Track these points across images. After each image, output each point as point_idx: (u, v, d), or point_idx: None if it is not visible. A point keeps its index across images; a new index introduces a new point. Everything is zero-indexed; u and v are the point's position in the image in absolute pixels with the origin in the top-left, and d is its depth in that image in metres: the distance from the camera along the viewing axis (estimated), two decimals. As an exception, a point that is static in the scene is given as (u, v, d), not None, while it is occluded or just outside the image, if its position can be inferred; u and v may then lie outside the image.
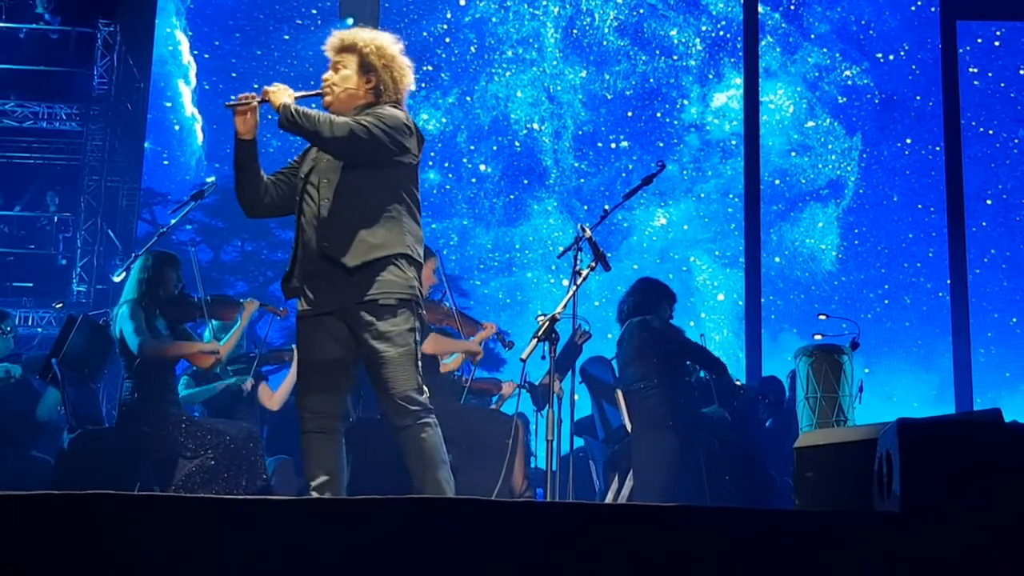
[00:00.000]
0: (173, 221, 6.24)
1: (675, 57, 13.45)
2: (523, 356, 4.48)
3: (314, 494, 3.69)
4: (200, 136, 13.17)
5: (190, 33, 13.19)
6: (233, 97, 3.76)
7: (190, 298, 5.49)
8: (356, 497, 2.78)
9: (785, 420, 6.73)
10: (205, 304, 5.46)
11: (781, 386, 7.18)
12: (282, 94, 3.73)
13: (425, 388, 3.79)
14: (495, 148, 13.71)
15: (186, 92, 13.11)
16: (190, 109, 13.14)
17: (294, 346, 6.03)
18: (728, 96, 13.23)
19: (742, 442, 5.83)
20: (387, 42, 3.92)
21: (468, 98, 13.66)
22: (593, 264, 4.75)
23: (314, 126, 3.67)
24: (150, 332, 5.19)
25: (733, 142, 12.96)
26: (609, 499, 5.86)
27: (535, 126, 13.60)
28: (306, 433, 3.78)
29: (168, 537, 2.40)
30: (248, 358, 6.07)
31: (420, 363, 3.79)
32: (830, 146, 13.21)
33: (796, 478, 3.45)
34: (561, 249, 5.18)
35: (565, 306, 4.63)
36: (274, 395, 6.23)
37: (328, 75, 3.91)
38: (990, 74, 12.33)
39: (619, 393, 5.90)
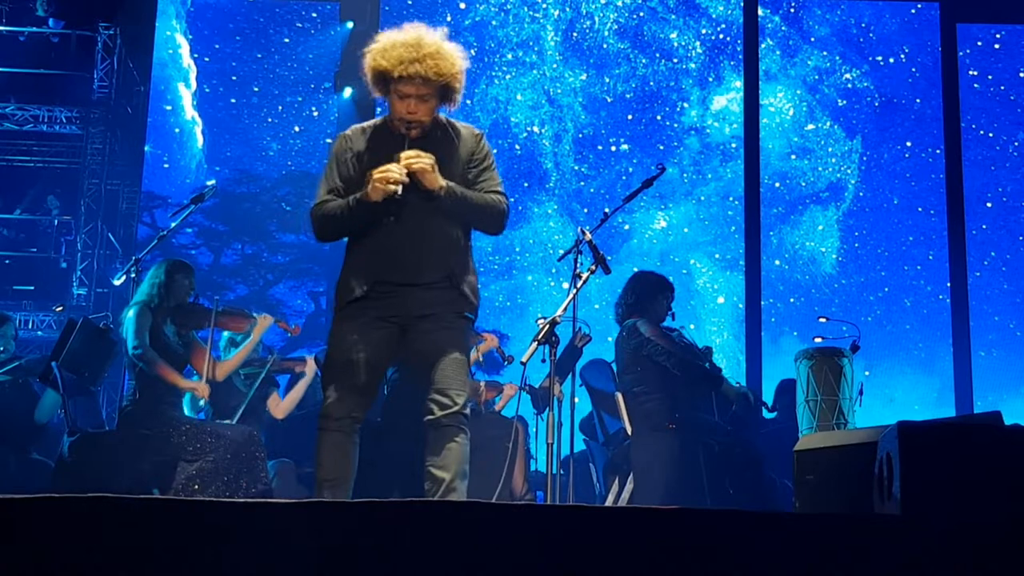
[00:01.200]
0: (173, 224, 6.26)
1: (675, 60, 13.45)
2: (523, 359, 4.49)
3: (326, 493, 3.69)
4: (200, 139, 13.14)
5: (190, 36, 13.18)
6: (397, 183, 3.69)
7: (201, 306, 5.51)
8: (357, 500, 2.78)
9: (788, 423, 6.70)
10: (215, 313, 5.47)
11: None
12: (434, 174, 3.79)
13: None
14: (495, 151, 13.67)
15: (186, 95, 13.10)
16: (190, 112, 13.13)
17: (307, 357, 6.12)
18: (728, 99, 13.22)
19: (742, 444, 5.82)
20: (463, 63, 3.96)
21: (468, 101, 13.63)
22: (593, 267, 4.75)
23: (485, 214, 3.94)
24: (156, 339, 5.27)
25: (733, 145, 12.95)
26: (609, 502, 5.86)
27: (535, 129, 13.60)
28: (328, 431, 3.74)
29: (168, 540, 2.40)
30: (261, 361, 6.08)
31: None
32: (830, 149, 13.20)
33: (796, 481, 3.44)
34: (561, 252, 5.17)
35: (565, 309, 4.64)
36: (281, 404, 6.23)
37: (413, 107, 3.82)
38: (990, 77, 12.33)
39: (619, 396, 5.90)
